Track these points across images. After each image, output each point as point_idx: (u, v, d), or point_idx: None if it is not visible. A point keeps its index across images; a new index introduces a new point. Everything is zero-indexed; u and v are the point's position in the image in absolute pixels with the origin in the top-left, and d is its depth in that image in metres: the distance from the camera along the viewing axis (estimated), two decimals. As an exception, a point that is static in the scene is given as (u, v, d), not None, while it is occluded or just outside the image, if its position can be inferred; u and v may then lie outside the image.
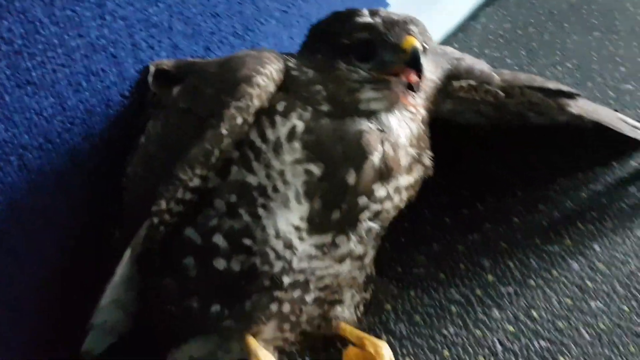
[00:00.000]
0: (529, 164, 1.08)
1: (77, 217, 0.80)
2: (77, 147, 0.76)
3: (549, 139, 1.05)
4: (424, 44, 0.65)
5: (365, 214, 0.69)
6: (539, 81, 0.91)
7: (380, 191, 0.68)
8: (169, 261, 0.73)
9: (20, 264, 0.75)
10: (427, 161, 0.72)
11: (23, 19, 0.64)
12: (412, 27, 0.64)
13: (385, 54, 0.65)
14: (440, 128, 0.78)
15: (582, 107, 0.95)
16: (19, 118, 0.69)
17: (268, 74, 0.65)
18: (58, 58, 0.70)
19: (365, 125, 0.65)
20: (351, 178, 0.65)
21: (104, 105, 0.77)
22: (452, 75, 0.82)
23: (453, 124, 0.97)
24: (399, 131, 0.67)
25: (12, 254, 0.74)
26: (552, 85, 0.92)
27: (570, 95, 0.93)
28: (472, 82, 0.83)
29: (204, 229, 0.69)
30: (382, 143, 0.66)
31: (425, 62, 0.63)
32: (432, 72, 0.71)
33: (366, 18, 0.66)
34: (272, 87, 0.65)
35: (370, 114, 0.66)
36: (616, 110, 1.13)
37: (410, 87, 0.64)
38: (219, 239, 0.69)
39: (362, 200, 0.67)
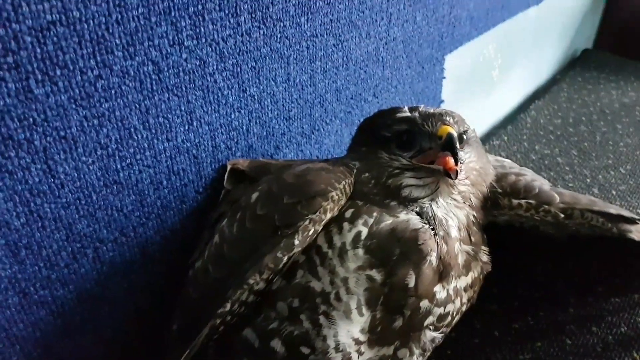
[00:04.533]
0: (584, 277, 1.03)
1: (141, 306, 0.82)
2: (150, 240, 0.79)
3: (604, 251, 1.02)
4: (461, 134, 0.68)
5: (429, 319, 0.68)
6: (599, 205, 0.90)
7: (441, 293, 0.67)
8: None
9: (85, 351, 0.77)
10: (484, 257, 0.72)
11: (120, 126, 0.68)
12: (447, 118, 0.69)
13: (423, 142, 0.68)
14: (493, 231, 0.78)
15: None
16: (101, 214, 0.71)
17: (342, 189, 0.67)
18: (145, 160, 0.73)
19: (419, 223, 0.66)
20: (411, 280, 0.65)
21: (179, 201, 0.80)
22: (511, 192, 0.82)
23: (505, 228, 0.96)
24: (448, 222, 0.68)
25: (76, 338, 0.75)
26: (614, 210, 0.91)
27: (632, 221, 0.92)
28: (532, 202, 0.82)
29: (263, 331, 0.69)
30: (437, 241, 0.66)
31: (463, 149, 0.66)
32: (474, 160, 0.73)
33: (405, 113, 0.71)
34: (343, 200, 0.68)
35: (413, 202, 0.67)
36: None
37: (449, 175, 0.65)
38: (277, 344, 0.68)
39: (424, 303, 0.66)
